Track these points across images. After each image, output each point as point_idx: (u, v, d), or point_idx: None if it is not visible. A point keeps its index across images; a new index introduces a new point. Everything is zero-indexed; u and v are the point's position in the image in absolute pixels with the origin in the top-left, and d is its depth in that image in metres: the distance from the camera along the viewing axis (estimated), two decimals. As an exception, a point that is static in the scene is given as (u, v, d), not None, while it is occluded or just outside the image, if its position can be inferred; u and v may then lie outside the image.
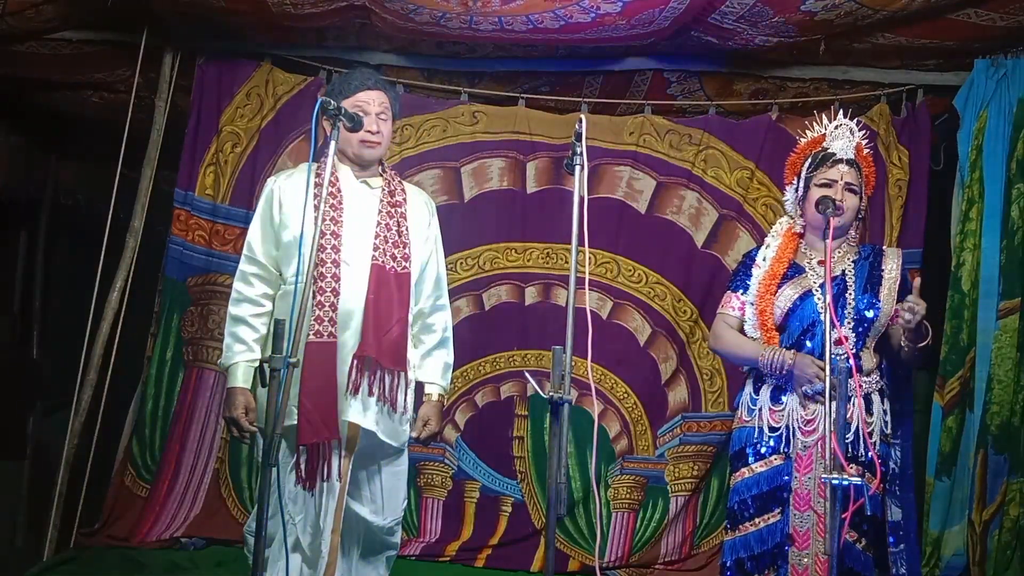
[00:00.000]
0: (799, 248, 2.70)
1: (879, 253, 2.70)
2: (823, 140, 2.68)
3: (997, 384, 3.22)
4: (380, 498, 2.53)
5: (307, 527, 2.46)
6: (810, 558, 2.49)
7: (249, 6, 3.28)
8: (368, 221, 2.50)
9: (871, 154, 2.73)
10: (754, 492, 2.60)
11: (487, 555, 3.77)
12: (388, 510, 2.55)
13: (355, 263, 2.44)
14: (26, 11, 3.33)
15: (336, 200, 2.47)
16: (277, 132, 3.85)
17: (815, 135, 2.71)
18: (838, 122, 2.67)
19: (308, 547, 2.47)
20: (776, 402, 2.60)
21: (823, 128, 2.70)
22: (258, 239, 2.50)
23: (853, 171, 2.60)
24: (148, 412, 3.80)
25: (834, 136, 2.66)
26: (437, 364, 2.67)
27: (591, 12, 3.15)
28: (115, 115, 3.82)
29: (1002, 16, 3.12)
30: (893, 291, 2.60)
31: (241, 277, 2.49)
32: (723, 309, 2.76)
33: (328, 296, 2.37)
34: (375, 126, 2.48)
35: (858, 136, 2.66)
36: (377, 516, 2.53)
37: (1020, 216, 3.25)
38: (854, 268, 2.63)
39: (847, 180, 2.58)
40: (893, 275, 2.63)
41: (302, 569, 2.48)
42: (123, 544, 3.61)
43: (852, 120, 2.70)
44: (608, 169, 3.91)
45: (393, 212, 2.53)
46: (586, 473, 3.82)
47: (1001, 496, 3.21)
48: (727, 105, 3.97)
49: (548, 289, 3.92)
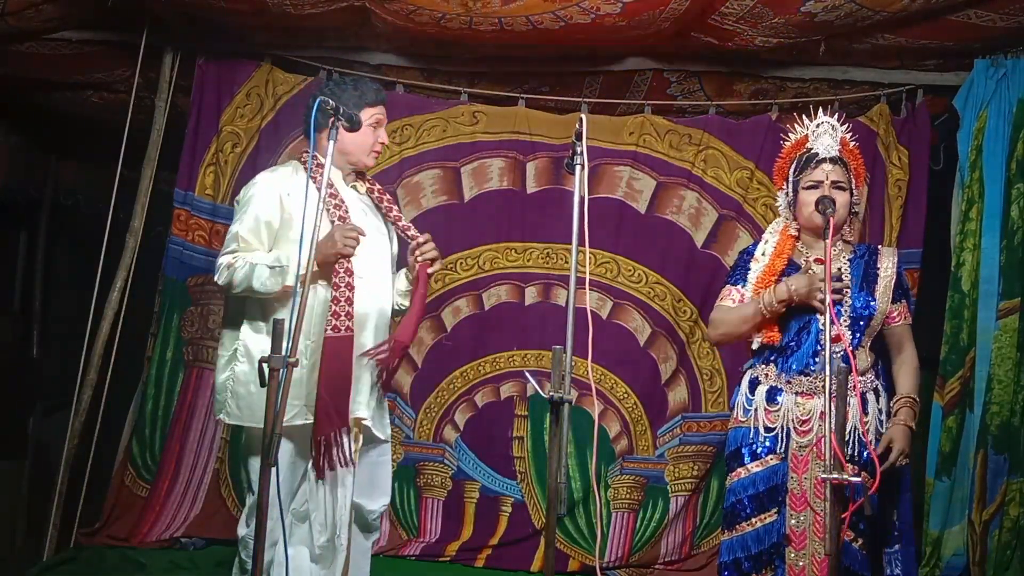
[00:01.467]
0: (796, 247, 2.69)
1: (874, 252, 2.70)
2: (807, 141, 2.66)
3: (997, 384, 3.22)
4: (369, 484, 2.64)
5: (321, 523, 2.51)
6: (807, 558, 2.50)
7: (249, 6, 3.28)
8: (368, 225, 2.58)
9: (858, 147, 2.70)
10: (750, 492, 2.59)
11: (487, 555, 3.77)
12: (379, 495, 2.69)
13: (367, 265, 2.53)
14: (26, 11, 3.32)
15: (338, 200, 2.54)
16: (277, 132, 3.85)
17: (798, 136, 2.70)
18: (819, 120, 2.65)
19: (321, 543, 2.52)
20: (772, 402, 2.60)
21: (805, 128, 2.68)
22: (259, 234, 2.50)
23: (839, 168, 2.59)
24: (148, 412, 3.80)
25: (816, 135, 2.64)
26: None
27: (591, 13, 3.15)
28: (115, 115, 3.82)
29: (1002, 16, 3.12)
30: (888, 289, 2.61)
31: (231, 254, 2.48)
32: (721, 301, 2.73)
33: (343, 291, 2.44)
34: (386, 138, 2.65)
35: (841, 131, 2.64)
36: (370, 501, 2.66)
37: (1020, 216, 3.25)
38: (850, 266, 2.63)
39: (833, 178, 2.56)
40: (888, 273, 2.63)
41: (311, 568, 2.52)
42: (123, 544, 3.61)
43: (850, 118, 2.70)
44: (608, 169, 3.91)
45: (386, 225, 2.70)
46: (586, 473, 3.82)
47: (1001, 496, 3.21)
48: (727, 105, 3.97)
49: (548, 289, 3.92)
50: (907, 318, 2.68)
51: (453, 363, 3.90)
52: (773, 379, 2.61)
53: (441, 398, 3.91)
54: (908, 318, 2.68)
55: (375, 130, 2.61)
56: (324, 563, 2.54)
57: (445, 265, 3.83)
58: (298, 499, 2.55)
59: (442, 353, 3.90)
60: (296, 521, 2.55)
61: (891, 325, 2.66)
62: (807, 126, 2.68)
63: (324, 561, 2.54)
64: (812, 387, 2.54)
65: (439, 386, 3.90)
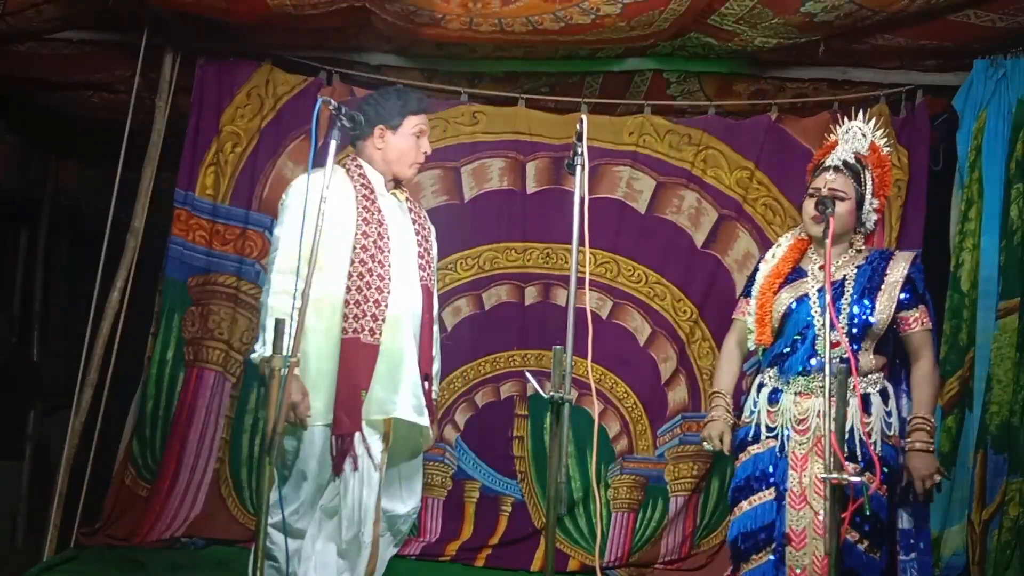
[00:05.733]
0: (807, 252, 2.70)
1: (887, 257, 2.64)
2: (835, 146, 2.66)
3: (996, 384, 3.22)
4: (399, 487, 2.66)
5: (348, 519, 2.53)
6: (808, 557, 2.50)
7: (249, 6, 3.28)
8: (407, 236, 2.64)
9: (890, 153, 2.68)
10: (750, 472, 2.62)
11: (487, 555, 3.77)
12: (408, 497, 2.69)
13: (401, 276, 2.57)
14: (26, 11, 3.32)
15: (375, 206, 2.57)
16: (277, 132, 3.85)
17: (828, 142, 2.70)
18: (848, 125, 2.65)
19: (347, 538, 2.54)
20: (773, 402, 2.62)
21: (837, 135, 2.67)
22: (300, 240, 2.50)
23: (840, 177, 2.56)
24: (149, 412, 3.80)
25: (844, 141, 2.64)
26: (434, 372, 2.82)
27: (591, 13, 3.16)
28: (115, 115, 3.81)
29: (1002, 16, 3.12)
30: (892, 296, 2.55)
31: (280, 270, 2.49)
32: (735, 315, 2.83)
33: (376, 299, 2.48)
34: (428, 148, 2.68)
35: (872, 136, 2.63)
36: (398, 503, 2.66)
37: (1019, 216, 3.25)
38: (855, 272, 2.61)
39: (831, 187, 2.55)
40: (895, 279, 2.56)
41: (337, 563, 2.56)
42: (123, 544, 3.61)
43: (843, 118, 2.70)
44: (608, 169, 3.91)
45: (425, 233, 2.72)
46: (586, 473, 3.82)
47: (1001, 496, 3.21)
48: (727, 105, 3.97)
49: (548, 289, 3.92)
50: (925, 324, 2.59)
51: (453, 363, 3.89)
52: (776, 382, 2.64)
53: (441, 398, 3.90)
54: (927, 323, 2.59)
55: (418, 139, 2.63)
56: (350, 559, 2.56)
57: (445, 265, 3.84)
58: (327, 495, 2.59)
59: (442, 353, 3.89)
60: (325, 516, 2.59)
61: (906, 332, 2.59)
62: (837, 131, 2.67)
63: (350, 557, 2.56)
64: (809, 387, 2.56)
65: (439, 386, 3.89)
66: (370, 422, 2.51)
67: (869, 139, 2.63)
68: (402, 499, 2.67)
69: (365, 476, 2.52)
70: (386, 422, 2.54)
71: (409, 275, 2.61)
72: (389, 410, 2.50)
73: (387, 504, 2.62)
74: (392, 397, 2.51)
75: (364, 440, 2.50)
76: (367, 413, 2.49)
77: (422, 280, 2.63)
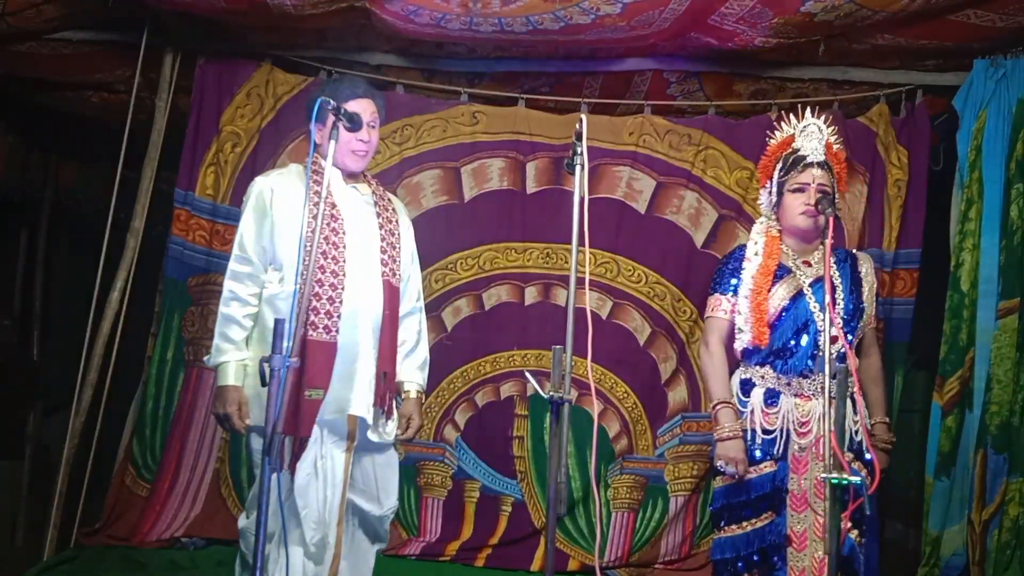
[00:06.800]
0: (781, 249, 2.68)
1: (853, 257, 2.73)
2: (792, 141, 2.66)
3: (996, 384, 3.22)
4: (375, 488, 2.60)
5: (312, 521, 2.48)
6: (808, 558, 2.50)
7: (249, 7, 3.28)
8: (368, 230, 2.56)
9: (841, 150, 2.71)
10: (742, 498, 2.57)
11: (487, 555, 3.77)
12: (384, 499, 2.62)
13: (359, 271, 2.49)
14: (26, 11, 3.33)
15: (327, 202, 2.48)
16: (277, 132, 3.85)
17: (784, 136, 2.69)
18: (806, 121, 2.65)
19: (314, 542, 2.49)
20: (771, 404, 2.59)
21: (791, 128, 2.67)
22: (252, 238, 2.49)
23: (826, 173, 2.59)
24: (148, 412, 3.80)
25: (803, 136, 2.63)
26: (415, 362, 2.73)
27: (591, 13, 3.16)
28: (115, 115, 3.82)
29: (1001, 16, 3.12)
30: (873, 294, 2.67)
31: (233, 276, 2.49)
32: (712, 313, 2.72)
33: (329, 296, 2.41)
34: (366, 135, 2.52)
35: (827, 134, 2.64)
36: (375, 505, 2.60)
37: (1019, 216, 3.25)
38: (837, 269, 2.63)
39: (820, 183, 2.56)
40: (871, 279, 2.68)
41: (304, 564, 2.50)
42: (123, 543, 3.62)
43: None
44: (608, 169, 3.91)
45: (391, 227, 2.62)
46: (586, 473, 3.82)
47: (1001, 496, 3.21)
48: (727, 105, 3.97)
49: (548, 289, 3.92)
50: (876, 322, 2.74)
51: (453, 363, 3.90)
52: (771, 381, 2.61)
53: (441, 398, 3.91)
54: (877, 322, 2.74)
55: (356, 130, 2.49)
56: (317, 560, 2.52)
57: (445, 265, 3.84)
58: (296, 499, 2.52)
59: (442, 353, 3.90)
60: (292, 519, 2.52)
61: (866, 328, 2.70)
62: (794, 126, 2.67)
63: (317, 559, 2.52)
64: (811, 389, 2.55)
65: (439, 386, 3.90)
66: (329, 421, 2.46)
67: (825, 136, 2.63)
68: (378, 500, 2.61)
69: (328, 477, 2.48)
70: (350, 420, 2.49)
71: (369, 270, 2.52)
72: (344, 408, 2.46)
73: (364, 505, 2.58)
74: (347, 395, 2.46)
75: (323, 440, 2.46)
76: (324, 412, 2.44)
77: (384, 276, 2.54)
